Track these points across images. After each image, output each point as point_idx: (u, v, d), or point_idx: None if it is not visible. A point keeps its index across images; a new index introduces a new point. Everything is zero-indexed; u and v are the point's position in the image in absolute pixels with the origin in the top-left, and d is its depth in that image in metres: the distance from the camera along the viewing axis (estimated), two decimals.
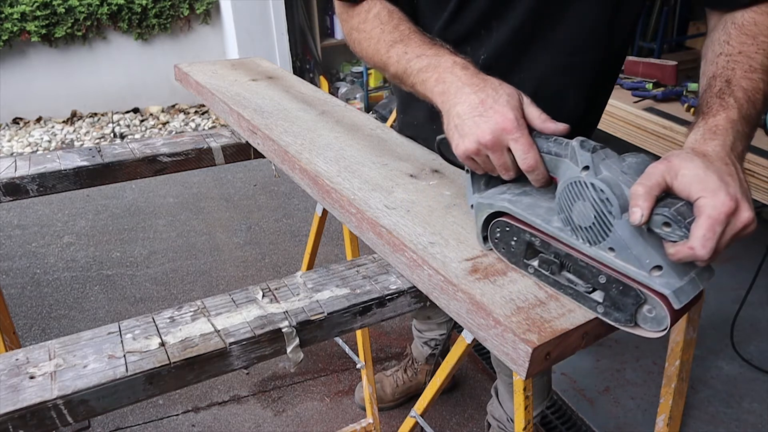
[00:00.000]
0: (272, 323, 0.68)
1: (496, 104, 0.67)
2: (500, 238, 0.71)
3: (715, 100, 0.68)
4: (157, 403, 1.80)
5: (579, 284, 0.64)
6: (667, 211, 0.54)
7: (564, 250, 0.64)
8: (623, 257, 0.59)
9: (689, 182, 0.55)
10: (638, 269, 0.58)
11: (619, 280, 0.60)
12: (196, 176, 3.18)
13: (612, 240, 0.59)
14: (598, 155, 0.60)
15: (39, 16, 3.53)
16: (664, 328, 0.59)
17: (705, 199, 0.54)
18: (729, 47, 0.74)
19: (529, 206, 0.67)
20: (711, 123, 0.65)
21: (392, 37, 0.83)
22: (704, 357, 1.96)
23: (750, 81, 0.70)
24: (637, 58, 2.32)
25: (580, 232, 0.62)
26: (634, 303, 0.59)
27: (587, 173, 0.60)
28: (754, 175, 1.32)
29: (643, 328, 0.60)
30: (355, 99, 4.09)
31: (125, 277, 2.38)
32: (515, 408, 1.01)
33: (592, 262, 0.62)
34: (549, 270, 0.66)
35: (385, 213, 0.80)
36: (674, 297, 0.57)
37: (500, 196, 0.70)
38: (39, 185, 1.10)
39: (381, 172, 0.92)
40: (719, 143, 0.62)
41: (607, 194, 0.58)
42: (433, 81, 0.74)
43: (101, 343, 0.65)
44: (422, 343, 1.75)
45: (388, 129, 1.11)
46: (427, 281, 0.72)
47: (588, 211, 0.60)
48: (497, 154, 0.67)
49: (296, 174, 0.98)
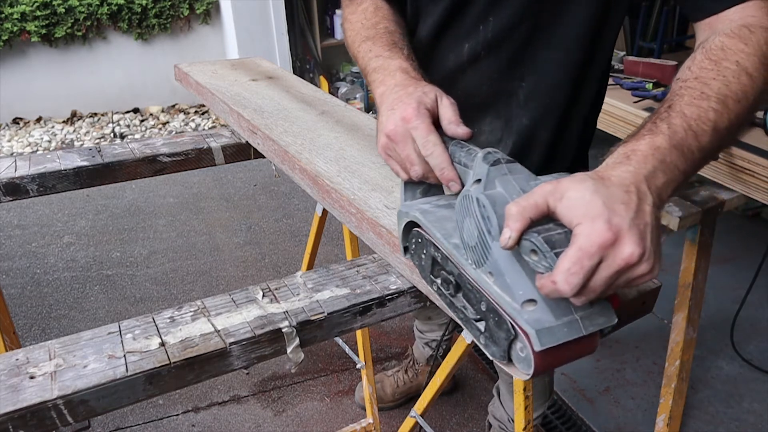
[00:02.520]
0: (272, 323, 0.68)
1: (407, 98, 0.67)
2: (414, 250, 0.66)
3: (647, 125, 0.59)
4: (157, 403, 1.80)
5: (469, 310, 0.58)
6: (535, 237, 0.48)
7: (458, 270, 0.58)
8: (499, 284, 0.52)
9: (572, 206, 0.48)
10: (511, 300, 0.51)
11: (496, 310, 0.53)
12: (196, 176, 3.18)
13: (491, 263, 0.52)
14: (498, 169, 0.54)
15: (39, 16, 3.53)
16: (529, 372, 0.51)
17: (581, 226, 0.47)
18: (688, 72, 0.66)
19: (440, 219, 0.61)
20: (629, 147, 0.56)
21: (366, 34, 0.86)
22: (704, 357, 1.96)
23: (697, 108, 0.60)
24: (637, 58, 2.32)
25: (468, 252, 0.55)
26: (506, 337, 0.52)
27: (476, 187, 0.55)
28: (754, 175, 1.32)
29: (516, 367, 0.53)
30: (355, 99, 4.09)
31: (125, 277, 2.38)
32: (515, 408, 1.01)
33: (477, 286, 0.55)
34: (448, 290, 0.60)
35: (385, 213, 0.80)
36: (536, 336, 0.48)
37: (419, 205, 0.65)
38: (39, 185, 1.10)
39: (381, 172, 0.92)
40: (630, 169, 0.52)
41: (488, 211, 0.52)
42: (377, 82, 0.76)
43: (101, 343, 0.64)
44: (423, 344, 1.75)
45: None
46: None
47: (473, 229, 0.54)
48: (401, 145, 0.67)
49: (296, 174, 0.98)
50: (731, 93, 0.62)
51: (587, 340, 0.52)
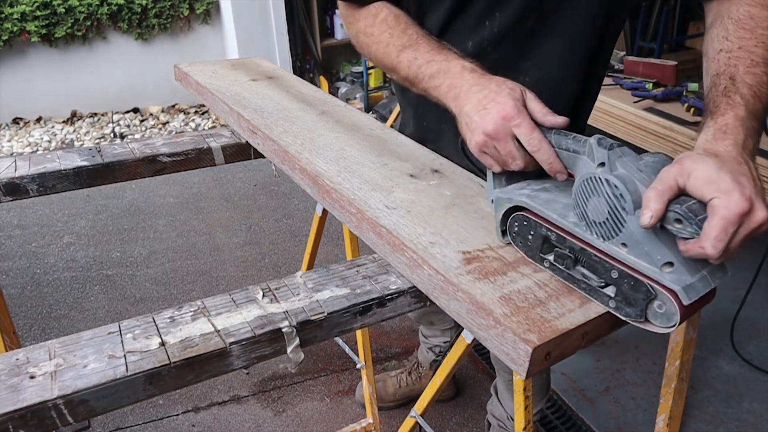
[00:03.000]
0: (272, 323, 0.68)
1: (498, 96, 0.70)
2: (518, 232, 0.72)
3: (721, 99, 0.68)
4: (157, 403, 1.80)
5: (592, 279, 0.65)
6: (679, 208, 0.56)
7: (578, 245, 0.65)
8: (635, 253, 0.60)
9: (702, 183, 0.55)
10: (650, 265, 0.59)
11: (631, 275, 0.60)
12: (196, 176, 3.18)
13: (625, 235, 0.60)
14: (614, 152, 0.61)
15: (39, 16, 3.53)
16: (673, 324, 0.59)
17: (718, 199, 0.54)
18: (728, 43, 0.73)
19: (546, 202, 0.69)
20: (720, 122, 0.65)
21: (401, 42, 0.85)
22: (704, 357, 1.96)
23: (754, 76, 0.69)
24: (637, 58, 2.32)
25: (594, 228, 0.63)
26: (645, 298, 0.60)
27: (602, 169, 0.61)
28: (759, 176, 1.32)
29: (653, 324, 0.61)
30: (355, 99, 4.09)
31: (125, 277, 2.38)
32: (515, 408, 1.01)
33: (605, 257, 0.63)
34: (564, 264, 0.67)
35: (385, 213, 0.80)
36: (684, 293, 0.57)
37: (519, 191, 0.72)
38: (39, 185, 1.10)
39: (381, 172, 0.92)
40: (730, 142, 0.62)
41: (621, 190, 0.59)
42: (445, 87, 0.78)
43: (101, 343, 0.64)
44: (427, 349, 1.75)
45: (388, 129, 1.11)
46: (427, 281, 0.72)
47: (602, 207, 0.61)
48: (502, 143, 0.70)
49: (296, 174, 0.98)
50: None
51: (711, 292, 0.60)
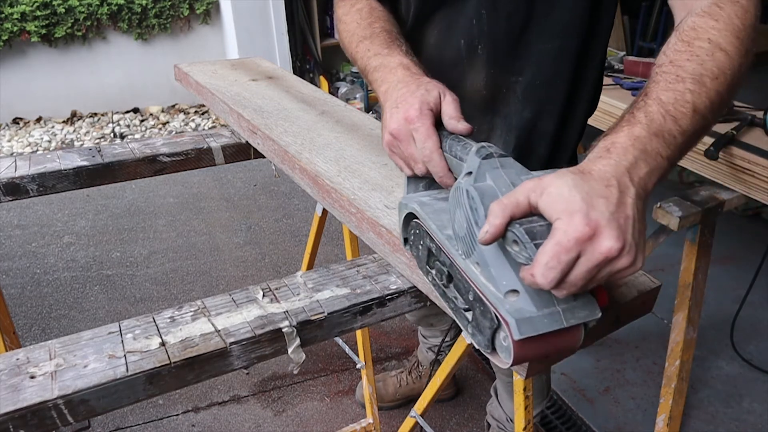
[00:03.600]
0: (272, 323, 0.68)
1: (411, 97, 0.68)
2: (413, 241, 0.68)
3: (625, 117, 0.59)
4: (157, 403, 1.80)
5: (459, 300, 0.59)
6: (517, 228, 0.49)
7: (449, 260, 0.59)
8: (485, 275, 0.54)
9: (552, 201, 0.49)
10: (495, 290, 0.53)
11: (482, 300, 0.54)
12: (196, 176, 3.18)
13: (477, 254, 0.54)
14: (489, 162, 0.55)
15: (39, 16, 3.53)
16: (509, 360, 0.52)
17: (560, 221, 0.48)
18: (663, 57, 0.66)
19: (437, 211, 0.63)
20: (609, 141, 0.56)
21: (363, 33, 0.87)
22: (704, 357, 1.96)
23: (672, 92, 0.60)
24: (637, 58, 2.32)
25: (459, 242, 0.57)
26: (490, 327, 0.54)
27: (467, 179, 0.56)
28: (754, 175, 1.32)
29: (499, 356, 0.55)
30: (355, 99, 4.09)
31: (125, 277, 2.38)
32: (515, 408, 1.01)
33: (466, 277, 0.57)
34: (441, 281, 0.62)
35: (385, 213, 0.80)
36: (516, 326, 0.49)
37: (419, 198, 0.67)
38: (39, 185, 1.10)
39: (381, 171, 0.92)
40: (611, 162, 0.53)
41: (476, 203, 0.53)
42: (379, 81, 0.78)
43: (101, 343, 0.64)
44: (427, 349, 1.75)
45: None
46: (426, 281, 0.72)
47: (462, 220, 0.56)
48: (403, 144, 0.68)
49: (296, 174, 0.98)
50: (706, 71, 0.61)
51: (569, 332, 0.52)
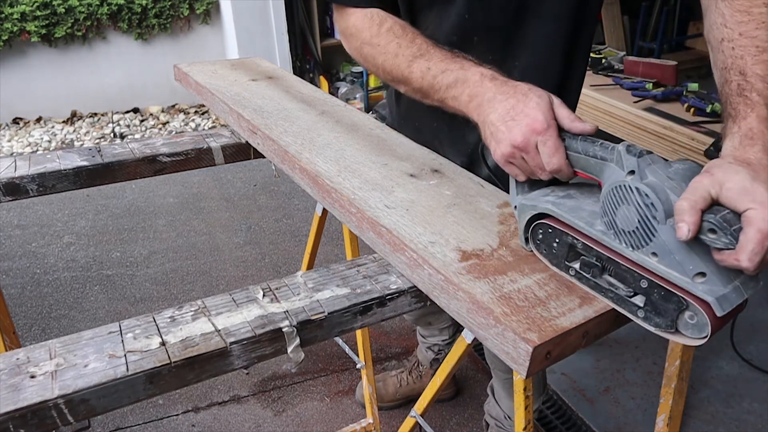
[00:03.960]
0: (273, 323, 0.68)
1: (526, 107, 0.69)
2: (542, 240, 0.71)
3: (738, 100, 0.66)
4: (157, 403, 1.80)
5: (620, 288, 0.63)
6: (713, 218, 0.54)
7: (606, 254, 0.64)
8: (666, 262, 0.58)
9: (735, 194, 0.54)
10: (681, 275, 0.58)
11: (661, 285, 0.59)
12: (196, 176, 3.18)
13: (655, 245, 0.59)
14: (644, 160, 0.60)
15: (39, 16, 3.53)
16: (705, 335, 0.57)
17: (754, 210, 0.53)
18: (728, 30, 0.71)
19: (572, 209, 0.68)
20: (744, 127, 0.63)
21: (411, 52, 0.84)
22: (704, 357, 1.96)
23: (764, 64, 0.67)
24: (637, 58, 2.32)
25: (623, 236, 0.62)
26: (676, 309, 0.58)
27: (632, 177, 0.60)
28: None
29: (684, 335, 0.59)
30: (355, 99, 4.09)
31: (125, 277, 2.38)
32: (515, 408, 1.01)
33: (634, 267, 0.62)
34: (590, 273, 0.66)
35: (385, 212, 0.80)
36: (717, 304, 0.55)
37: (544, 198, 0.70)
38: (39, 185, 1.10)
39: (381, 171, 0.92)
40: (759, 148, 0.60)
41: (652, 199, 0.58)
42: (466, 96, 0.77)
43: (102, 343, 0.64)
44: (426, 348, 1.75)
45: (388, 129, 1.11)
46: (427, 281, 0.72)
47: (632, 216, 0.60)
48: (531, 155, 0.69)
49: (296, 174, 0.98)
50: None
51: (742, 304, 0.58)
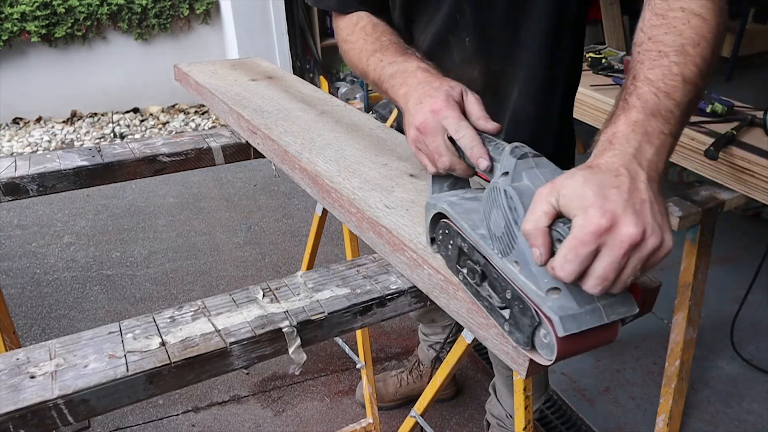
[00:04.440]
0: (273, 323, 0.68)
1: (435, 92, 0.71)
2: (441, 241, 0.68)
3: (618, 104, 0.61)
4: (157, 403, 1.80)
5: (494, 298, 0.60)
6: (560, 228, 0.51)
7: (482, 260, 0.60)
8: (525, 273, 0.54)
9: (567, 201, 0.50)
10: (535, 287, 0.53)
11: (521, 298, 0.55)
12: (196, 176, 3.18)
13: (517, 253, 0.55)
14: (525, 162, 0.57)
15: (39, 16, 3.53)
16: (551, 358, 0.53)
17: (576, 217, 0.49)
18: (641, 35, 0.67)
19: (467, 211, 0.64)
20: (609, 133, 0.58)
21: (373, 47, 0.89)
22: (704, 357, 1.96)
23: (659, 69, 0.61)
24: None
25: (495, 242, 0.58)
26: (530, 324, 0.54)
27: (504, 179, 0.57)
28: (754, 175, 1.32)
29: (539, 354, 0.56)
30: (355, 99, 4.09)
31: (125, 277, 2.38)
32: (515, 408, 1.01)
33: (502, 275, 0.58)
34: (474, 279, 0.63)
35: (385, 212, 0.80)
36: (560, 323, 0.51)
37: (447, 198, 0.67)
38: (39, 185, 1.10)
39: (381, 171, 0.92)
40: (615, 152, 0.54)
41: (515, 203, 0.55)
42: (398, 85, 0.80)
43: (102, 343, 0.64)
44: (427, 347, 1.75)
45: (388, 129, 1.11)
46: (427, 280, 0.72)
47: (500, 220, 0.57)
48: (431, 137, 0.70)
49: (296, 174, 0.98)
50: (686, 40, 0.62)
51: (608, 328, 0.54)
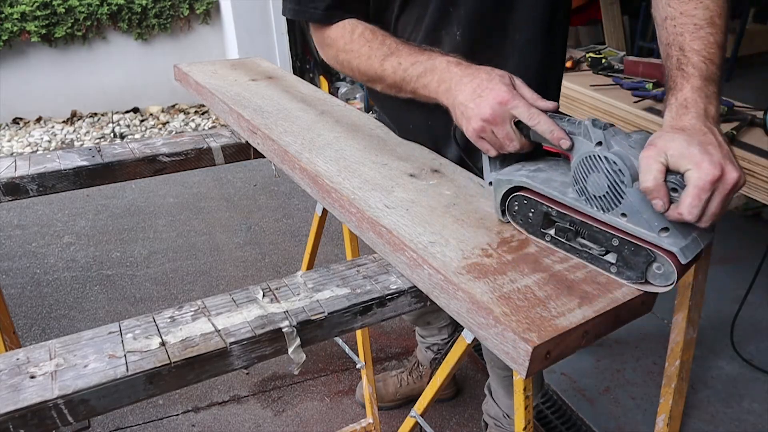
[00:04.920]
0: (273, 323, 0.68)
1: (491, 84, 0.76)
2: (518, 211, 0.78)
3: (676, 73, 0.72)
4: (157, 403, 1.79)
5: (593, 248, 0.71)
6: (673, 179, 0.62)
7: (579, 218, 0.72)
8: (634, 221, 0.67)
9: (676, 159, 0.62)
10: (648, 231, 0.66)
11: (631, 242, 0.67)
12: (195, 176, 3.18)
13: (624, 206, 0.67)
14: (608, 132, 0.68)
15: (39, 16, 3.53)
16: (671, 282, 0.65)
17: (691, 171, 0.61)
18: (671, 9, 0.78)
19: (545, 180, 0.75)
20: (680, 97, 0.69)
21: (382, 52, 0.89)
22: (704, 357, 1.96)
23: (700, 40, 0.73)
24: (637, 58, 2.32)
25: (595, 201, 0.70)
26: (645, 261, 0.67)
27: (601, 148, 0.68)
28: (754, 175, 1.32)
29: (653, 284, 0.68)
30: (355, 99, 4.09)
31: (125, 277, 2.38)
32: (515, 408, 1.01)
33: (605, 227, 0.70)
34: (565, 237, 0.73)
35: (385, 212, 0.80)
36: (681, 253, 0.64)
37: (517, 172, 0.77)
38: (39, 185, 1.10)
39: (381, 171, 0.92)
40: (693, 115, 0.67)
41: (620, 166, 0.66)
42: (435, 83, 0.82)
43: (102, 343, 0.64)
44: (425, 348, 1.75)
45: (388, 129, 1.11)
46: (427, 280, 0.72)
47: (602, 182, 0.68)
48: (500, 127, 0.75)
49: (296, 174, 0.98)
50: (713, 12, 0.75)
51: (702, 252, 0.67)
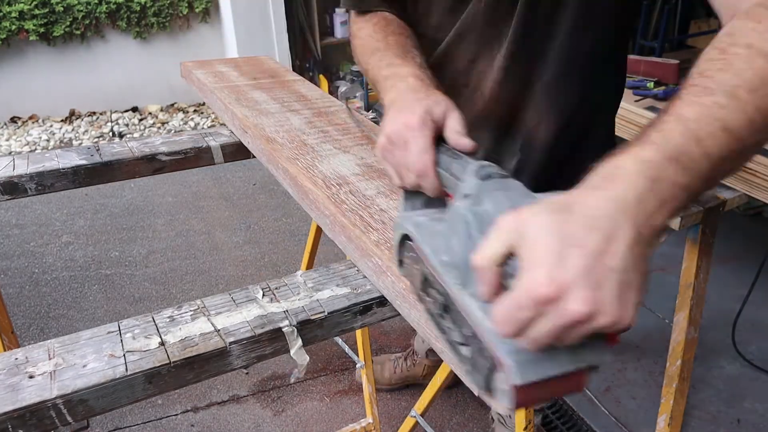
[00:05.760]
0: (272, 322, 0.68)
1: (416, 105, 0.66)
2: (408, 264, 0.60)
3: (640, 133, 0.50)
4: (156, 403, 1.79)
5: (455, 333, 0.52)
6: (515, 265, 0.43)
7: (444, 290, 0.52)
8: (483, 308, 0.46)
9: (523, 244, 0.42)
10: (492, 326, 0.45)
11: (479, 337, 0.47)
12: (195, 175, 3.18)
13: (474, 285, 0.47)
14: (492, 183, 0.50)
15: (37, 15, 3.52)
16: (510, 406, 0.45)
17: (522, 271, 0.41)
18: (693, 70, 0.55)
19: (433, 233, 0.55)
20: (612, 165, 0.46)
21: (376, 45, 0.87)
22: (705, 357, 1.96)
23: (698, 107, 0.49)
24: (638, 56, 2.32)
25: (455, 271, 0.50)
26: (489, 367, 0.46)
27: (465, 203, 0.51)
28: (755, 174, 1.32)
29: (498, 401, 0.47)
30: (355, 98, 4.09)
31: (124, 277, 2.38)
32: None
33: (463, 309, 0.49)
34: (437, 310, 0.55)
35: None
36: (516, 370, 0.43)
37: (416, 217, 0.59)
38: (37, 184, 1.10)
39: (364, 176, 0.92)
40: (607, 196, 0.44)
41: (473, 231, 0.48)
42: (389, 88, 0.75)
43: (101, 343, 0.64)
44: (422, 339, 1.76)
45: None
46: (390, 288, 0.69)
47: (458, 247, 0.50)
48: (398, 150, 0.65)
49: (280, 174, 0.98)
50: (743, 82, 0.50)
51: (573, 376, 0.45)
